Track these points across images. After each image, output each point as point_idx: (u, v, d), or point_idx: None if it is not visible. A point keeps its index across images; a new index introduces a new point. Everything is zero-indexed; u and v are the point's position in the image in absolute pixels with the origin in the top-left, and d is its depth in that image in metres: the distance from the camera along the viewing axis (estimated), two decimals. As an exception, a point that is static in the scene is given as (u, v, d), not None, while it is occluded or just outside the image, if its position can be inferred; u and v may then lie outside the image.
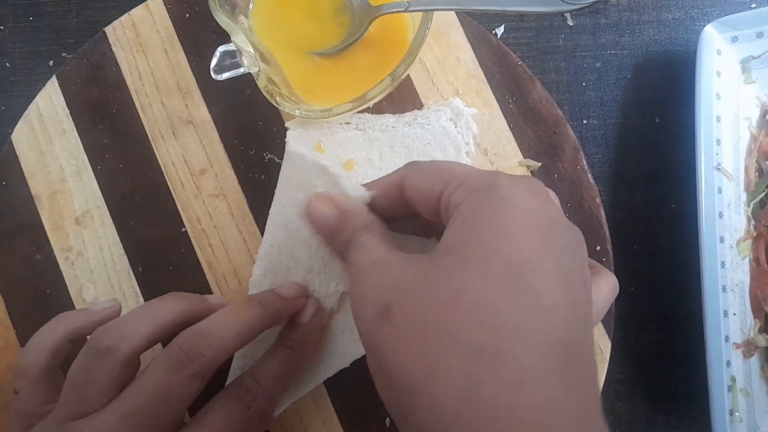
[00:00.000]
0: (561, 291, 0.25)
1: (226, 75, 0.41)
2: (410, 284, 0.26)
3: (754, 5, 0.51)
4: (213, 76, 0.41)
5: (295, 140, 0.43)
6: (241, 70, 0.41)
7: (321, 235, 0.35)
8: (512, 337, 0.23)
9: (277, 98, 0.41)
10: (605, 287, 0.35)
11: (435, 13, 0.44)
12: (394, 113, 0.46)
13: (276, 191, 0.42)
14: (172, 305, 0.36)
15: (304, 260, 0.40)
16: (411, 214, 0.32)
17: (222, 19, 0.40)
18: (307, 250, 0.39)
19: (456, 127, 0.46)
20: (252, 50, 0.40)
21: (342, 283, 0.40)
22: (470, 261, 0.25)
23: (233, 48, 0.41)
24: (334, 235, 0.33)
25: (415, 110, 0.47)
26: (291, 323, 0.40)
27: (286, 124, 0.44)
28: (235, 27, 0.40)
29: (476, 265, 0.25)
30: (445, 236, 0.27)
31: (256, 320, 0.36)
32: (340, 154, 0.45)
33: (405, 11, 0.41)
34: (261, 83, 0.41)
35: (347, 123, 0.46)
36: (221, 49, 0.41)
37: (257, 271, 0.42)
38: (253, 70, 0.41)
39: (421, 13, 0.41)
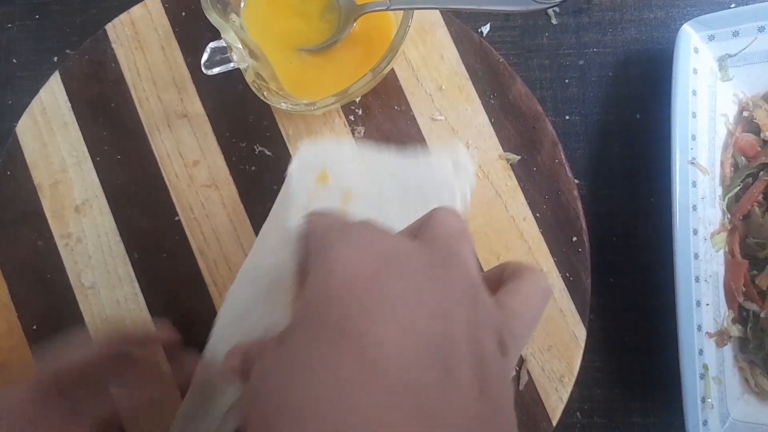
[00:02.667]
0: (390, 333, 0.22)
1: (216, 70, 0.43)
2: (251, 389, 0.26)
3: (733, 5, 0.52)
4: (204, 71, 0.43)
5: (301, 165, 0.44)
6: (231, 65, 0.43)
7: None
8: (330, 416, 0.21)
9: (265, 93, 0.43)
10: (531, 292, 0.29)
11: (420, 12, 0.46)
12: (397, 148, 0.47)
13: (270, 214, 0.44)
14: None
15: (266, 285, 0.40)
16: None
17: (213, 17, 0.42)
18: (274, 273, 0.40)
19: (456, 179, 0.45)
20: (241, 46, 0.42)
21: None
22: (293, 339, 0.24)
23: (223, 44, 0.43)
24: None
25: (419, 151, 0.47)
26: None
27: (293, 159, 0.45)
28: (225, 24, 0.42)
29: (297, 341, 0.24)
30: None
31: None
32: (342, 184, 0.45)
33: (387, 9, 0.43)
34: (249, 78, 0.43)
35: (352, 154, 0.46)
36: (212, 45, 0.43)
37: (235, 283, 0.43)
38: (242, 66, 0.43)
39: (402, 11, 0.43)
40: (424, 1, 0.42)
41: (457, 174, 0.45)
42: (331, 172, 0.45)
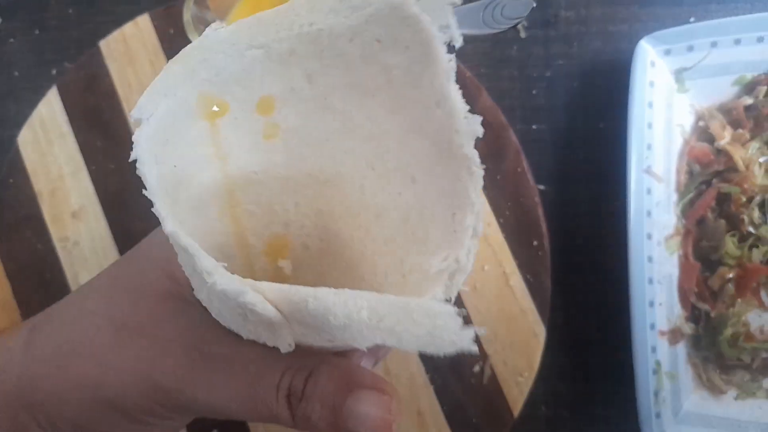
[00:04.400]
0: None
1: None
2: None
3: (692, 19, 0.54)
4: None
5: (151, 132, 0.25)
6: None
7: None
8: None
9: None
10: None
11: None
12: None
13: None
14: None
15: None
16: None
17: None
18: None
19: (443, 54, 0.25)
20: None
21: None
22: None
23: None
24: None
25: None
26: None
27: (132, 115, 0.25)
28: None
29: None
30: None
31: None
32: (246, 95, 0.27)
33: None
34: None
35: (238, 44, 0.26)
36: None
37: None
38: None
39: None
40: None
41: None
42: (230, 97, 0.27)
